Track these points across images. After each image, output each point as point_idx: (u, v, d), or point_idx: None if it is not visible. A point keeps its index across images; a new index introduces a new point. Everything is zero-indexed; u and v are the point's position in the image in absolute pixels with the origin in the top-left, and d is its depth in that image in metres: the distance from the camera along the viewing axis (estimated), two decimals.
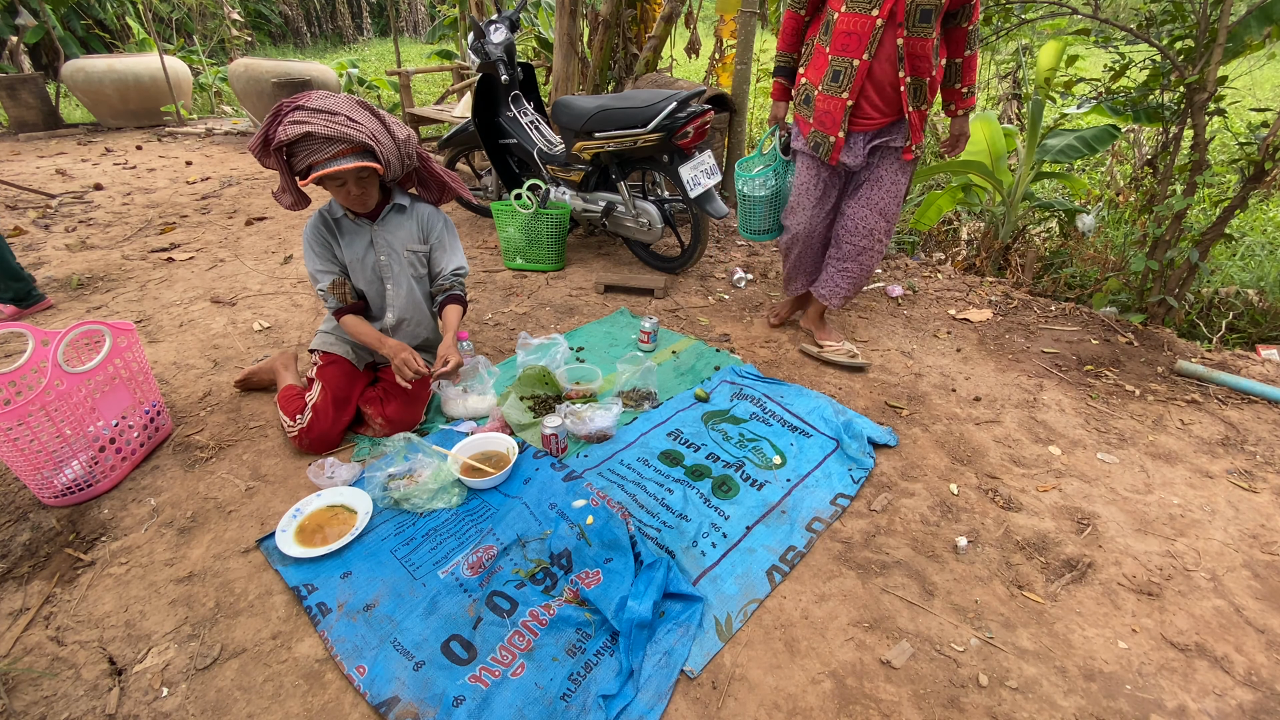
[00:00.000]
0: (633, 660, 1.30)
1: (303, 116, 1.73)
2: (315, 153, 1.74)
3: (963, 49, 2.09)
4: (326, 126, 1.72)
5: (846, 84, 2.08)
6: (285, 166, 1.81)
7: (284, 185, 1.88)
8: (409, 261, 2.10)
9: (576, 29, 4.29)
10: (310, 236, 1.99)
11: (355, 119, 1.78)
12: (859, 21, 1.99)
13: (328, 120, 1.73)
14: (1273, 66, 8.21)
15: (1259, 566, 1.64)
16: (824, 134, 2.20)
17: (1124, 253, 3.42)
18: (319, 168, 1.75)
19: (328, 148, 1.73)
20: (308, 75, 6.58)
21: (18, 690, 1.28)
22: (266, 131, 1.78)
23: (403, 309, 2.13)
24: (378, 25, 17.09)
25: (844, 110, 2.11)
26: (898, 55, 1.99)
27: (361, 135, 1.76)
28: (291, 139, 1.71)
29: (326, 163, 1.75)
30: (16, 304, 2.75)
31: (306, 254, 2.01)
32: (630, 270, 3.33)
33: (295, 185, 1.85)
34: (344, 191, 1.88)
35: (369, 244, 2.04)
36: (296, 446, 1.96)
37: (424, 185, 2.16)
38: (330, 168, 1.74)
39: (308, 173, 1.79)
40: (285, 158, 1.80)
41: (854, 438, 1.99)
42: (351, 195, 1.89)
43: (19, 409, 1.55)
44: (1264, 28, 2.56)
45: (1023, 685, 1.33)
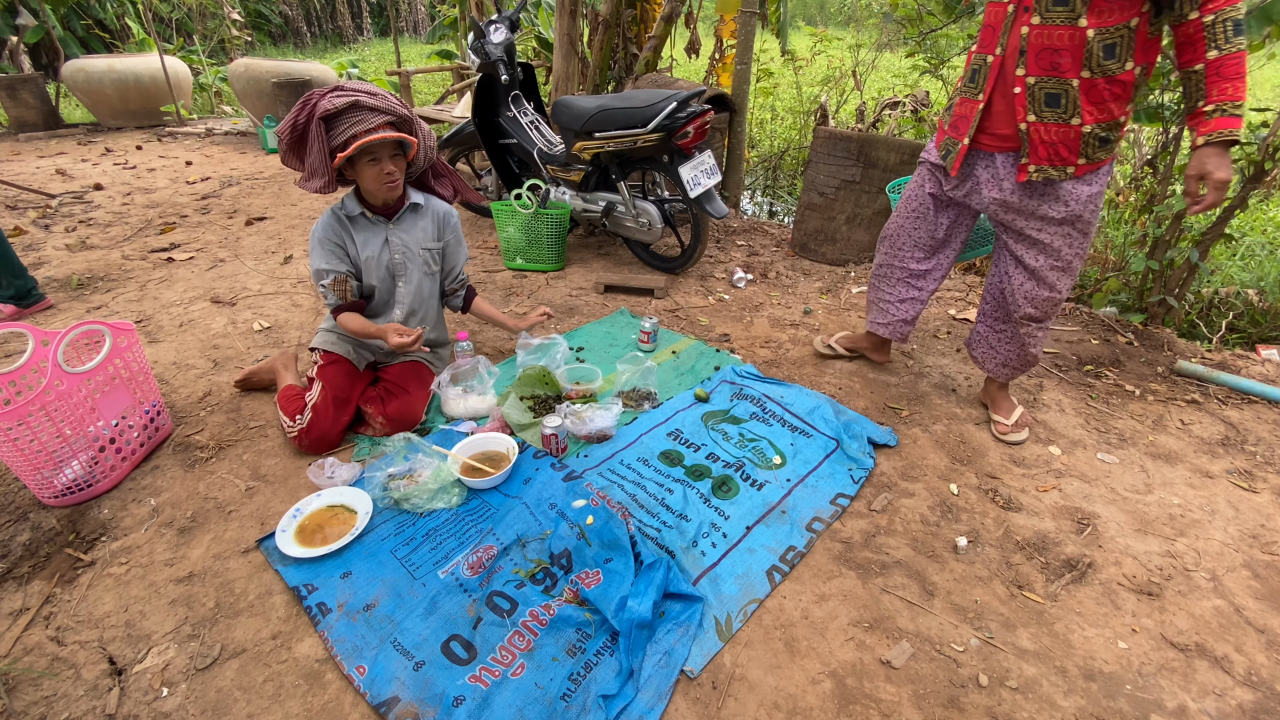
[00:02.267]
0: (633, 660, 1.30)
1: (345, 91, 1.80)
2: (359, 123, 1.78)
3: (1200, 51, 1.49)
4: (371, 99, 1.80)
5: (981, 83, 1.73)
6: (322, 139, 1.79)
7: (315, 167, 1.83)
8: (424, 260, 2.14)
9: (576, 29, 4.29)
10: (321, 233, 1.98)
11: (392, 97, 1.88)
12: (995, 11, 1.68)
13: (370, 95, 1.81)
14: (1273, 66, 8.21)
15: (1259, 566, 1.64)
16: (954, 139, 1.85)
17: (1124, 253, 3.42)
18: (362, 137, 1.79)
19: (372, 118, 1.79)
20: (308, 75, 6.58)
21: (18, 690, 1.28)
22: (297, 116, 1.79)
23: (411, 306, 2.16)
24: (378, 25, 17.09)
25: (975, 113, 1.76)
26: (1019, 49, 1.62)
27: (403, 109, 1.87)
28: (338, 109, 1.76)
29: (369, 132, 1.79)
30: (16, 303, 2.75)
31: (314, 250, 1.99)
32: (630, 270, 3.33)
33: (329, 163, 1.83)
34: (377, 170, 1.87)
35: (384, 242, 2.06)
36: (296, 447, 1.96)
37: (438, 182, 2.18)
38: (374, 135, 1.78)
39: (344, 146, 1.80)
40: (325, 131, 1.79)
41: (854, 438, 1.99)
42: (384, 174, 1.88)
43: (19, 409, 1.55)
44: (1264, 28, 2.56)
45: (1023, 685, 1.33)
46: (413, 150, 1.93)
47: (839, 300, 3.12)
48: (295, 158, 1.90)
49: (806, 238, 3.59)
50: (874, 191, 3.30)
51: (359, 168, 1.88)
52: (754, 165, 6.14)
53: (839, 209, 3.40)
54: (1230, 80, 1.48)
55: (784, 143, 6.31)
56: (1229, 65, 1.47)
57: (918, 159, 2.13)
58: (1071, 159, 1.68)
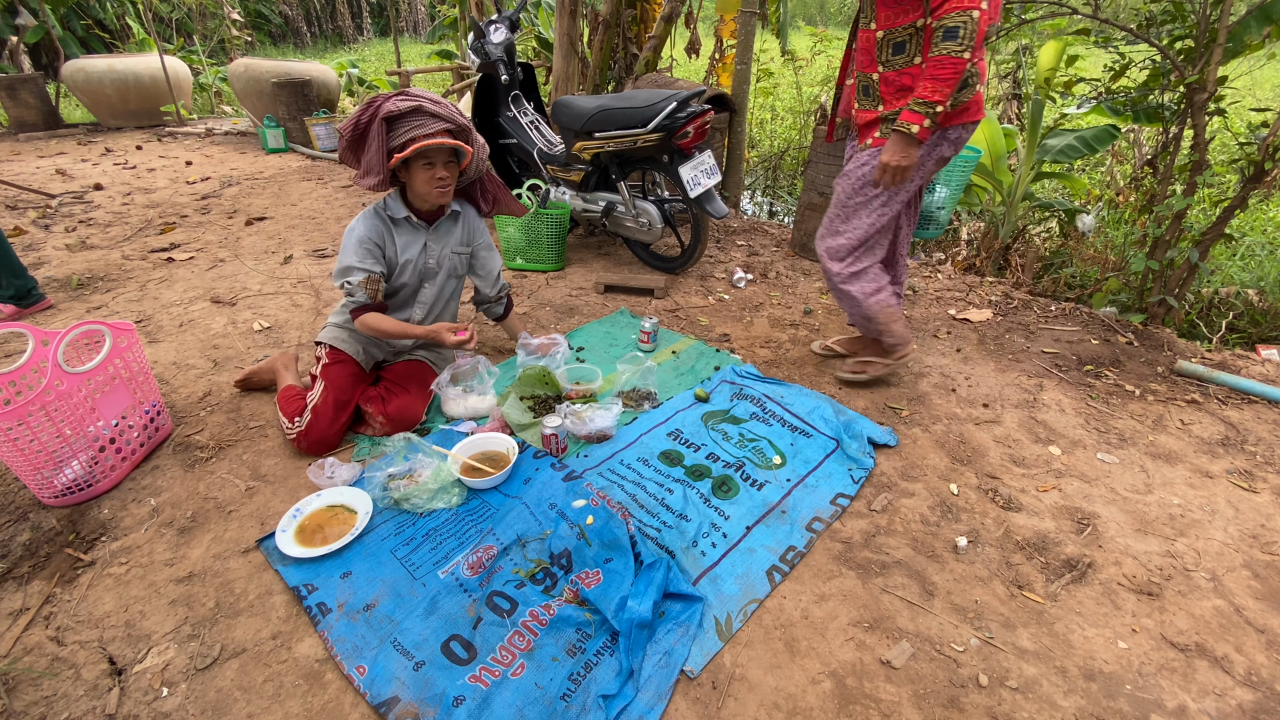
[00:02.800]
0: (633, 660, 1.30)
1: (410, 96, 1.87)
2: (420, 127, 1.85)
3: (926, 49, 1.72)
4: (434, 105, 1.87)
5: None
6: (382, 138, 1.85)
7: (371, 165, 1.89)
8: (454, 264, 2.20)
9: (576, 29, 4.29)
10: (363, 231, 1.98)
11: (454, 107, 1.94)
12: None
13: (434, 102, 1.88)
14: (1273, 66, 8.21)
15: (1259, 566, 1.64)
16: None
17: (1124, 253, 3.42)
18: (421, 140, 1.84)
19: (432, 123, 1.86)
20: (308, 75, 6.58)
21: (18, 690, 1.28)
22: (360, 116, 1.86)
23: (431, 307, 2.21)
24: (378, 25, 17.08)
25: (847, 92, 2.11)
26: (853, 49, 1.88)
27: (462, 120, 1.93)
28: (401, 111, 1.83)
29: (428, 136, 1.85)
30: (16, 303, 2.75)
31: (349, 247, 1.98)
32: (630, 270, 3.33)
33: (386, 163, 1.87)
34: (430, 174, 1.92)
35: (423, 247, 2.10)
36: (295, 448, 1.96)
37: (482, 195, 2.21)
38: (432, 140, 1.84)
39: (402, 149, 1.84)
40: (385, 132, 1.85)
41: (854, 438, 1.99)
42: (436, 179, 1.93)
43: (19, 409, 1.55)
44: (1264, 28, 2.56)
45: (1023, 685, 1.33)
46: (466, 159, 1.98)
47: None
48: (352, 155, 1.94)
49: (806, 238, 3.59)
50: None
51: (413, 170, 1.92)
52: (754, 165, 6.14)
53: None
54: (927, 80, 1.69)
55: (784, 143, 6.31)
56: (931, 66, 1.68)
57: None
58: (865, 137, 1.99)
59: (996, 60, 5.80)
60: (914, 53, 1.76)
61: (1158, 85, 2.88)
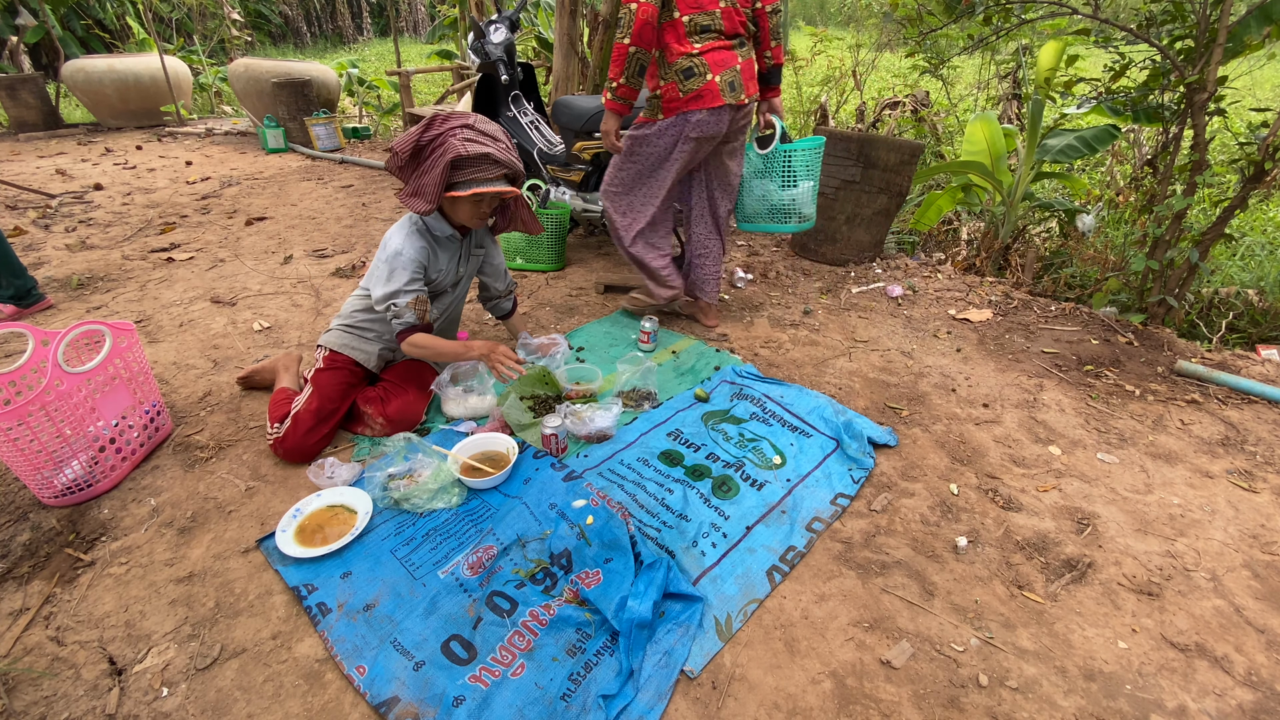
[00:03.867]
0: (633, 660, 1.30)
1: (479, 137, 1.88)
2: (483, 172, 1.88)
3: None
4: (501, 153, 1.90)
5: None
6: (445, 175, 1.84)
7: (424, 192, 1.86)
8: (470, 266, 2.23)
9: (576, 29, 4.29)
10: (413, 252, 1.94)
11: (511, 149, 1.97)
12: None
13: (501, 149, 1.92)
14: (1273, 66, 8.22)
15: (1259, 566, 1.64)
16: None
17: (1124, 253, 3.42)
18: (481, 185, 1.87)
19: (494, 170, 1.90)
20: (308, 75, 6.58)
21: (18, 690, 1.29)
22: (419, 137, 1.84)
23: (446, 309, 2.22)
24: (378, 25, 17.09)
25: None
26: None
27: (518, 166, 1.98)
28: (472, 155, 1.84)
29: (489, 182, 1.89)
30: (16, 303, 2.75)
31: (398, 269, 1.92)
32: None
33: (440, 194, 1.86)
34: (476, 210, 1.96)
35: (457, 259, 2.14)
36: (272, 452, 1.94)
37: (502, 213, 2.20)
38: (492, 188, 1.88)
39: (460, 186, 1.87)
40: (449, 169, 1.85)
41: (854, 438, 1.99)
42: (482, 214, 1.99)
43: (19, 409, 1.55)
44: (1264, 28, 2.56)
45: (1023, 685, 1.33)
46: (510, 196, 2.02)
47: (839, 300, 3.12)
48: (406, 174, 1.92)
49: (806, 238, 3.59)
50: (874, 191, 3.30)
51: (459, 204, 1.94)
52: None
53: (839, 209, 3.40)
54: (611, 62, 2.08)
55: None
56: (615, 49, 2.05)
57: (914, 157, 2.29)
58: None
59: (996, 60, 5.81)
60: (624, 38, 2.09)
61: (1158, 85, 2.88)
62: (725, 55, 2.13)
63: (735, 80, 2.16)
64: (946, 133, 5.58)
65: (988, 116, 3.68)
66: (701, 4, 2.07)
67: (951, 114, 5.79)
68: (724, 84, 2.14)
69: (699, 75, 2.10)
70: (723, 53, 2.13)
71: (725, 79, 2.14)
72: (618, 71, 2.08)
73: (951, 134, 5.59)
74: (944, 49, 4.59)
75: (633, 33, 2.00)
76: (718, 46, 2.13)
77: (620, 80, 2.09)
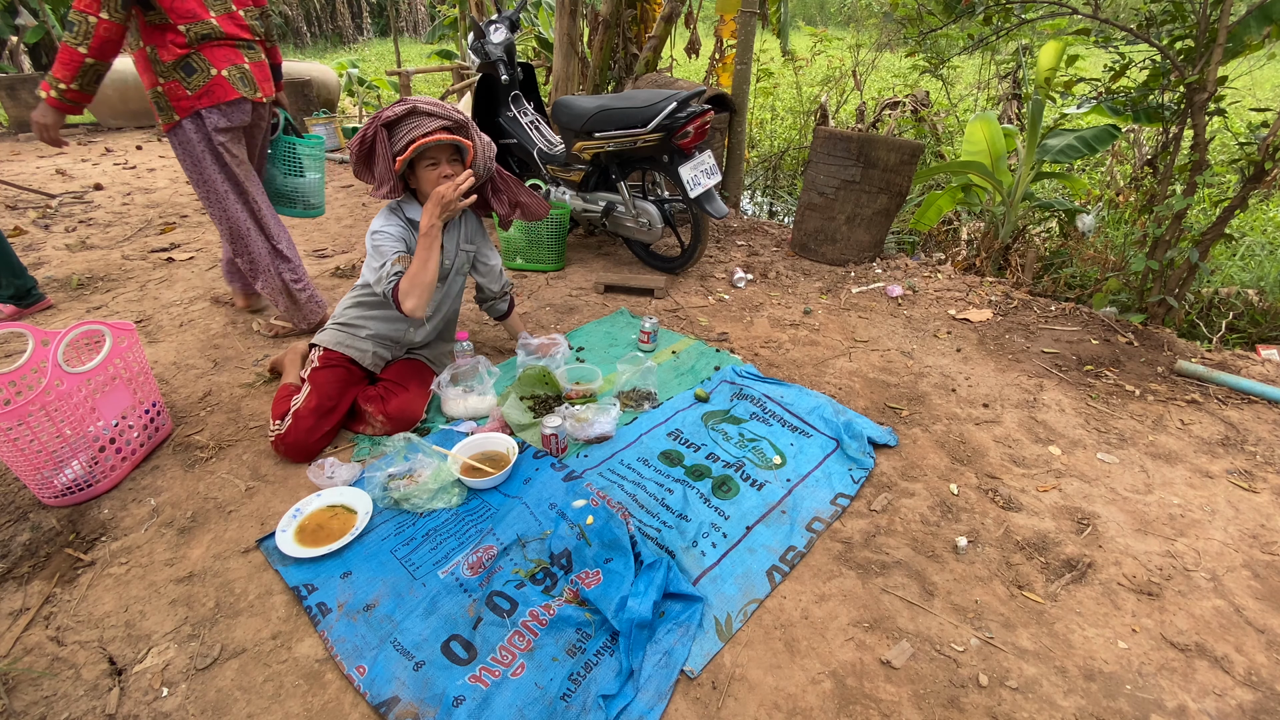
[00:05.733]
0: (633, 660, 1.30)
1: (403, 100, 1.91)
2: (417, 127, 1.87)
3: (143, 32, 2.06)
4: (429, 105, 1.90)
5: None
6: (385, 145, 1.88)
7: (382, 175, 1.92)
8: (462, 261, 2.21)
9: (576, 29, 4.29)
10: (384, 225, 1.98)
11: (450, 106, 1.95)
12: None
13: (429, 103, 1.91)
14: (1273, 66, 8.22)
15: (1259, 566, 1.64)
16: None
17: (1124, 253, 3.42)
18: (419, 140, 1.86)
19: (428, 122, 1.88)
20: (308, 75, 6.58)
21: (18, 690, 1.29)
22: (365, 132, 1.89)
23: (439, 303, 2.21)
24: (378, 25, 17.09)
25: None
26: None
27: (459, 115, 1.94)
28: (398, 115, 1.87)
29: (426, 134, 1.87)
30: (16, 303, 2.75)
31: (381, 239, 1.96)
32: (630, 270, 3.33)
33: (393, 168, 1.89)
34: (436, 173, 1.94)
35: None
36: (273, 450, 1.95)
37: (496, 197, 2.19)
38: (430, 138, 1.86)
39: (403, 151, 1.87)
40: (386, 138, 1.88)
41: (854, 438, 1.99)
42: (442, 178, 1.94)
43: (19, 409, 1.55)
44: (1264, 28, 2.56)
45: (1023, 685, 1.33)
46: (470, 154, 1.98)
47: (839, 300, 3.13)
48: (366, 170, 1.97)
49: (806, 238, 3.59)
50: (874, 191, 3.30)
51: (419, 172, 1.94)
52: (754, 165, 6.14)
53: (839, 209, 3.40)
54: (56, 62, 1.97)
55: (784, 143, 6.31)
56: (62, 52, 1.94)
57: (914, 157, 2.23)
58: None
59: (996, 60, 5.81)
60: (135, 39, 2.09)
61: (1158, 85, 2.88)
62: (220, 51, 2.16)
63: (245, 76, 2.22)
64: (946, 133, 5.58)
65: (988, 116, 3.68)
66: (195, 14, 2.08)
67: (951, 114, 5.79)
68: (233, 78, 2.18)
69: (201, 71, 2.12)
70: (218, 51, 2.15)
71: (233, 74, 2.18)
72: (66, 74, 1.96)
73: (951, 134, 5.59)
74: (944, 49, 4.59)
75: (92, 42, 1.93)
76: (221, 45, 2.16)
77: (71, 83, 1.99)
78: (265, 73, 2.31)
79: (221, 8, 2.14)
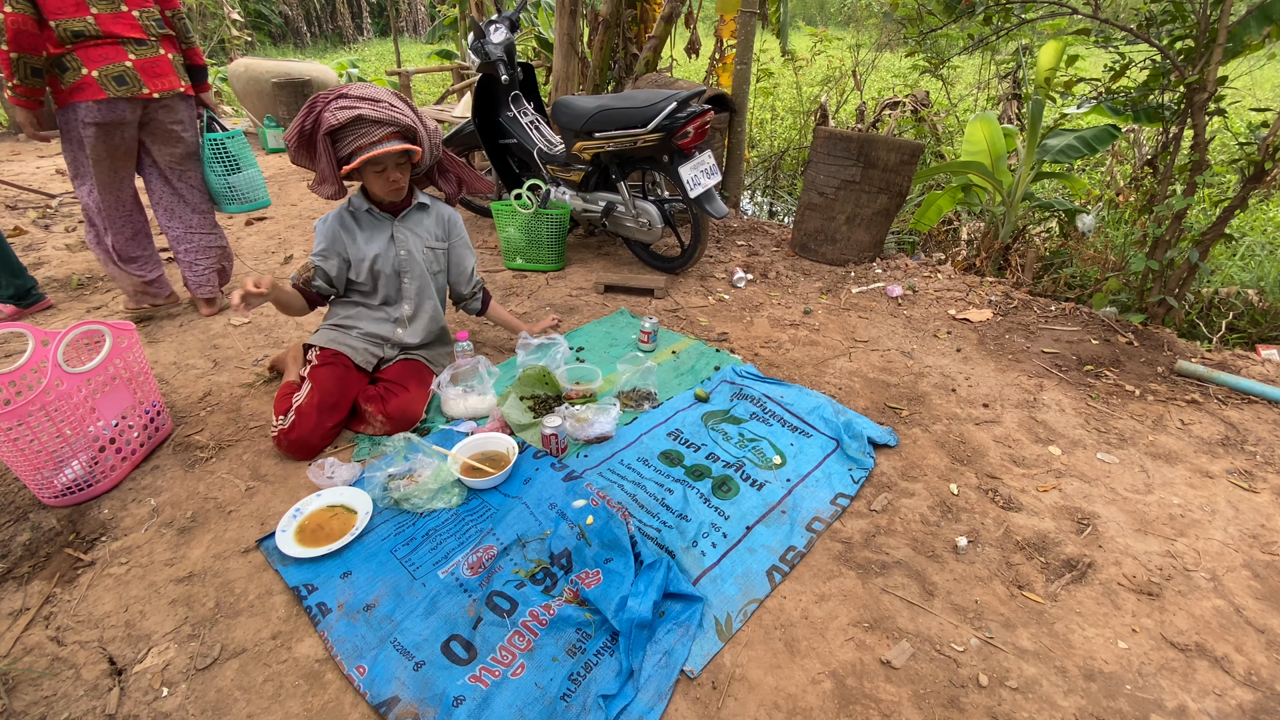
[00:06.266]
0: (633, 660, 1.30)
1: (349, 103, 1.81)
2: (363, 136, 1.81)
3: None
4: (375, 110, 1.80)
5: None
6: (329, 152, 1.83)
7: (324, 175, 1.89)
8: (429, 258, 2.19)
9: (576, 29, 4.29)
10: (323, 227, 2.04)
11: (396, 105, 1.88)
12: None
13: (374, 106, 1.82)
14: (1273, 66, 8.22)
15: (1259, 566, 1.64)
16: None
17: (1124, 253, 3.42)
18: (366, 150, 1.81)
19: (376, 130, 1.81)
20: (308, 75, 6.57)
21: (18, 690, 1.29)
22: (303, 122, 1.82)
23: (417, 301, 2.21)
24: (378, 25, 17.09)
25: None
26: None
27: (407, 120, 1.87)
28: (342, 123, 1.78)
29: (373, 145, 1.81)
30: (16, 303, 2.75)
31: (316, 235, 2.06)
32: (630, 270, 3.33)
33: (338, 173, 1.86)
34: (384, 178, 1.92)
35: (390, 239, 2.11)
36: (275, 446, 1.95)
37: (443, 178, 2.20)
38: (377, 150, 1.80)
39: (350, 158, 1.82)
40: (331, 144, 1.83)
41: (854, 438, 1.99)
42: (390, 180, 1.93)
43: (19, 409, 1.55)
44: (1264, 28, 2.56)
45: (1023, 685, 1.33)
46: (417, 156, 1.97)
47: (839, 300, 3.13)
48: (306, 158, 1.94)
49: (806, 238, 3.59)
50: (874, 191, 3.30)
51: (365, 175, 1.93)
52: (754, 165, 6.14)
53: (839, 209, 3.40)
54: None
55: (784, 143, 6.31)
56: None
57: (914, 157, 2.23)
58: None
59: (996, 60, 5.81)
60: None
61: (1158, 85, 2.88)
62: (89, 51, 2.22)
63: (126, 74, 2.28)
64: (946, 133, 5.58)
65: (988, 116, 3.68)
66: (66, 10, 2.14)
67: (951, 114, 5.79)
68: (106, 78, 2.24)
69: (74, 69, 2.20)
70: (87, 51, 2.21)
71: (106, 74, 2.24)
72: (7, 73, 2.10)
73: (951, 134, 5.59)
74: (944, 49, 4.59)
75: (6, 40, 2.04)
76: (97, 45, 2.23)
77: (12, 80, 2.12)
78: (159, 69, 2.34)
79: (107, 6, 2.20)
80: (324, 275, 2.08)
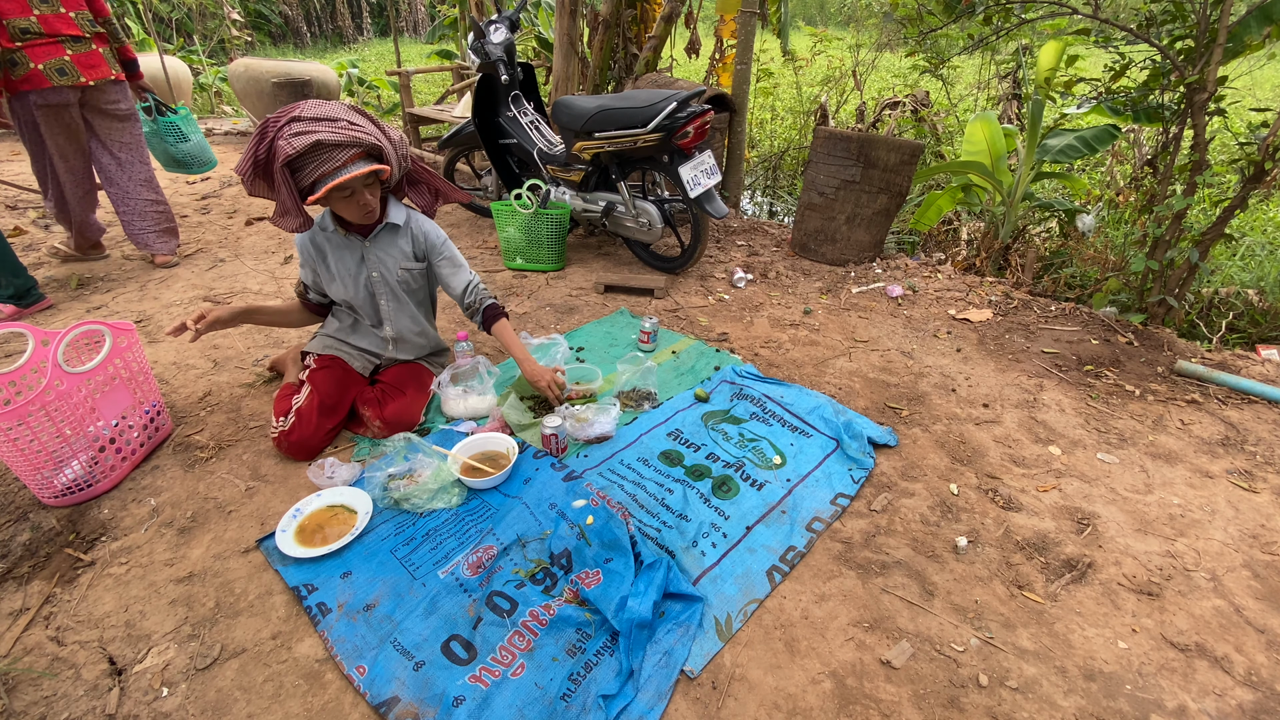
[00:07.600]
0: (633, 660, 1.30)
1: (304, 127, 1.62)
2: (325, 162, 1.64)
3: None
4: (334, 133, 1.62)
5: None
6: (289, 184, 1.66)
7: (286, 207, 1.71)
8: (403, 279, 2.06)
9: (576, 29, 4.29)
10: (299, 240, 2.01)
11: (356, 122, 1.70)
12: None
13: (332, 127, 1.63)
14: (1273, 66, 8.22)
15: (1259, 566, 1.64)
16: None
17: (1124, 253, 3.42)
18: (330, 178, 1.63)
19: (338, 154, 1.64)
20: (308, 75, 6.57)
21: (18, 690, 1.28)
22: (256, 150, 1.63)
23: (398, 323, 2.13)
24: (378, 25, 17.08)
25: None
26: None
27: (370, 138, 1.70)
28: (299, 150, 1.59)
29: (338, 171, 1.64)
30: (16, 303, 2.75)
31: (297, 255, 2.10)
32: (630, 270, 3.33)
33: (300, 205, 1.70)
34: (353, 202, 1.76)
35: (361, 260, 2.00)
36: (274, 447, 1.95)
37: (414, 188, 2.05)
38: (343, 176, 1.64)
39: (313, 188, 1.66)
40: (290, 174, 1.65)
41: (854, 438, 1.99)
42: (361, 204, 1.77)
43: (19, 409, 1.55)
44: (1264, 28, 2.56)
45: (1023, 685, 1.33)
46: (386, 174, 1.79)
47: (839, 300, 3.12)
48: (264, 188, 1.74)
49: (806, 238, 3.59)
50: (874, 191, 3.30)
51: (333, 202, 1.78)
52: (754, 165, 6.14)
53: (839, 209, 3.40)
54: None
55: (784, 143, 6.31)
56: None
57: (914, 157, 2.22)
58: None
59: (996, 60, 5.80)
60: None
61: (1158, 85, 2.88)
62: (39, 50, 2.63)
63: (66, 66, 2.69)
64: (946, 133, 5.58)
65: (988, 116, 3.68)
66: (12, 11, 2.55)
67: (951, 114, 5.79)
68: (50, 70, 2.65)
69: (21, 64, 2.60)
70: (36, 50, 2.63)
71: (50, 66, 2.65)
72: None
73: (951, 134, 5.58)
74: (944, 49, 4.59)
75: None
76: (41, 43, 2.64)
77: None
78: (93, 61, 2.77)
79: (49, 8, 2.63)
80: (316, 288, 2.10)
